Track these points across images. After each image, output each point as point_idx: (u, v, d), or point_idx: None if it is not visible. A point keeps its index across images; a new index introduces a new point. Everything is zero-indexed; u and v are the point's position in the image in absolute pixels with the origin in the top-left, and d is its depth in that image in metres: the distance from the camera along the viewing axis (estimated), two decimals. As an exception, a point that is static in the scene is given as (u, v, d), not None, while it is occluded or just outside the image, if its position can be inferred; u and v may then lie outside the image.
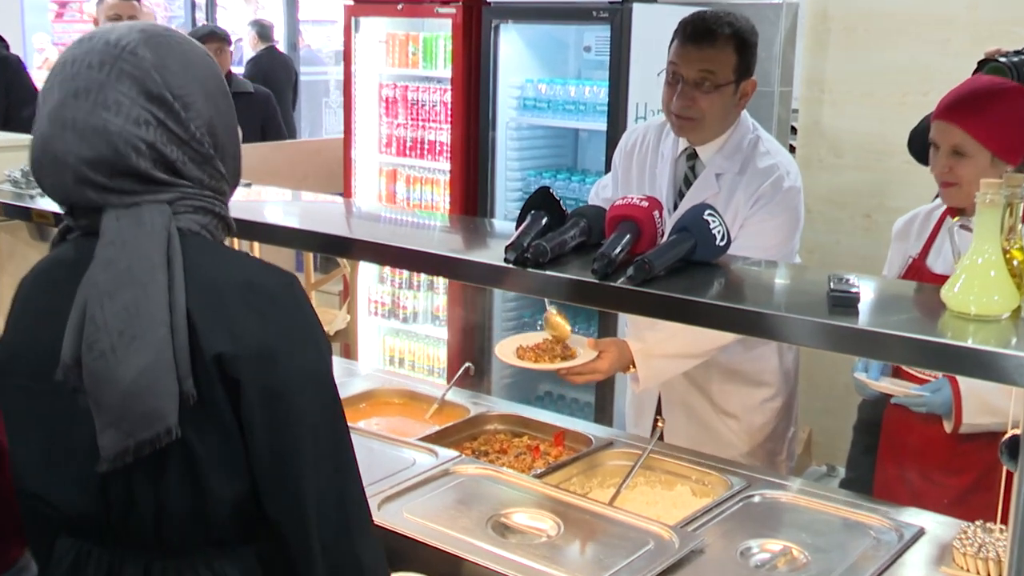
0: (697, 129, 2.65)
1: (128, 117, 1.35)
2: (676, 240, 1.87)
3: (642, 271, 1.76)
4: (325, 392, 1.37)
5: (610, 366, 2.56)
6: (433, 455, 2.38)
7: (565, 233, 1.96)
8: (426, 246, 2.10)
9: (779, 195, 2.63)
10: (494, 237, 2.37)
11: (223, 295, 1.33)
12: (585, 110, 4.40)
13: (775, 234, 2.62)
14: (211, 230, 1.43)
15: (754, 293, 1.83)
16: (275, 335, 1.33)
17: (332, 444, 1.38)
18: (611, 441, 2.53)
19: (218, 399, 1.32)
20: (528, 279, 1.88)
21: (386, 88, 4.96)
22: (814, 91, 4.35)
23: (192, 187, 1.40)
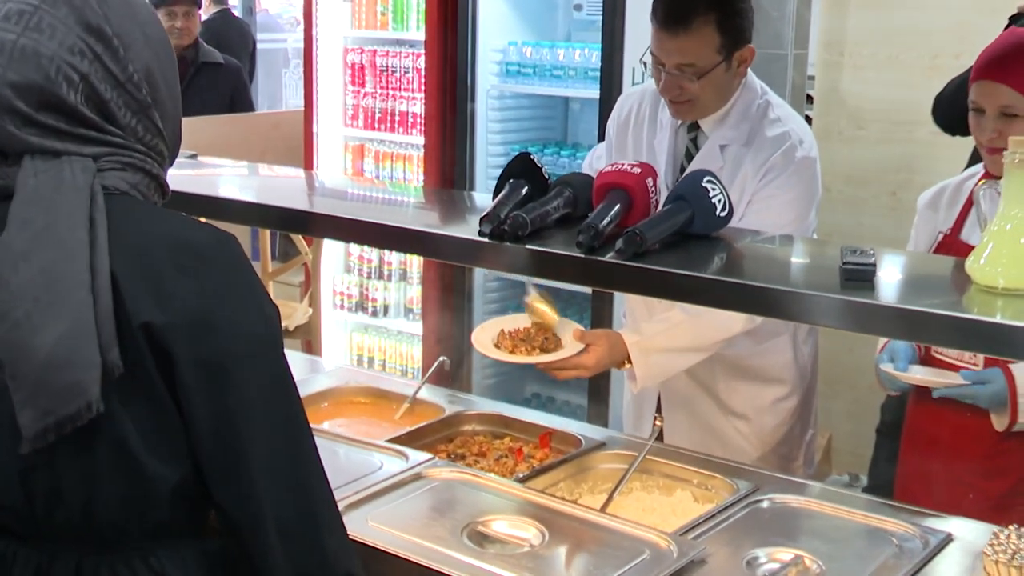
0: (693, 110, 2.66)
1: (63, 44, 1.36)
2: (671, 210, 1.88)
3: (633, 244, 1.77)
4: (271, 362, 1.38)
5: (597, 361, 2.55)
6: (403, 458, 2.38)
7: (548, 203, 1.96)
8: (394, 220, 2.11)
9: (791, 166, 2.63)
10: (471, 210, 2.38)
11: (151, 256, 1.34)
12: (575, 76, 4.41)
13: (787, 210, 2.62)
14: (142, 191, 1.43)
15: (757, 267, 1.84)
16: (210, 299, 1.33)
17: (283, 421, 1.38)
18: (603, 442, 2.53)
19: (149, 372, 1.32)
20: (506, 254, 1.89)
21: (352, 53, 4.96)
22: (832, 54, 4.36)
23: (123, 139, 1.41)
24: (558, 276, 1.85)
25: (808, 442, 2.95)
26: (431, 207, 2.51)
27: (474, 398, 2.91)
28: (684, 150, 2.73)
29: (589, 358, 2.54)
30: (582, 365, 2.54)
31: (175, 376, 1.32)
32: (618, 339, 2.59)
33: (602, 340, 2.57)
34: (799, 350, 2.87)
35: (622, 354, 2.59)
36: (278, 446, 1.36)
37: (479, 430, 2.68)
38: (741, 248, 1.94)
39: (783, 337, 2.82)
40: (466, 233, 1.96)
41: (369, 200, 2.66)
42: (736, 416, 2.85)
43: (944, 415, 2.54)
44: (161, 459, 1.34)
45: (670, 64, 2.56)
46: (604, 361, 2.56)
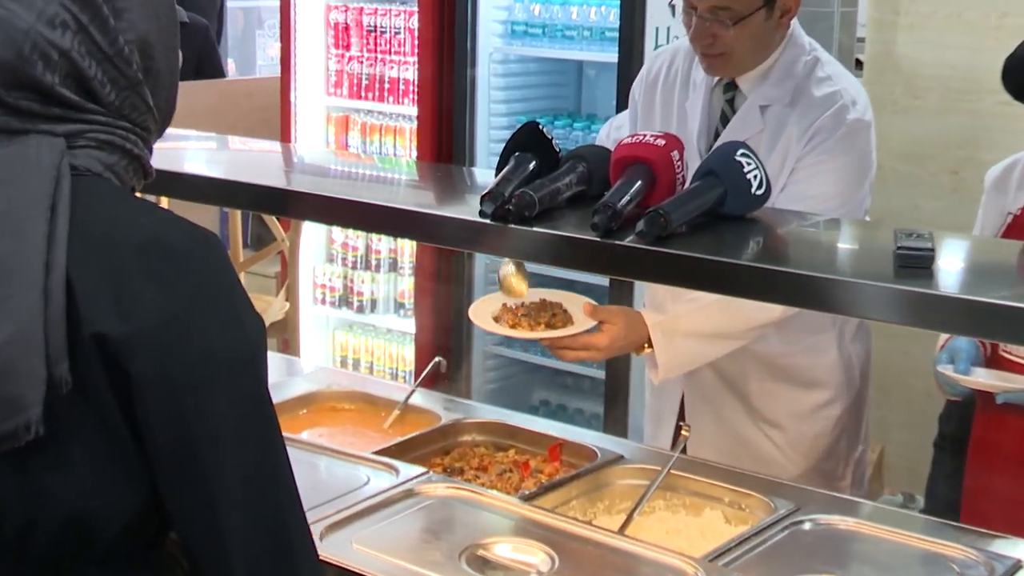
0: (728, 65, 2.65)
1: (42, 14, 1.34)
2: (700, 188, 1.88)
3: (656, 226, 1.77)
4: (248, 384, 1.35)
5: (611, 342, 2.53)
6: (392, 472, 2.39)
7: (558, 180, 1.97)
8: (383, 199, 2.12)
9: (842, 129, 2.62)
10: (471, 188, 2.38)
11: (116, 255, 1.31)
12: (591, 37, 4.41)
13: (835, 180, 2.62)
14: (118, 173, 1.41)
15: (798, 252, 1.85)
16: (180, 309, 1.31)
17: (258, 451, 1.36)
18: (621, 455, 2.54)
19: (100, 390, 1.30)
20: (510, 238, 1.90)
21: (335, 11, 4.96)
22: (885, 12, 4.35)
23: (105, 115, 1.39)
24: (570, 263, 1.86)
25: (858, 458, 2.95)
26: (425, 185, 2.52)
27: (474, 404, 2.92)
28: (719, 113, 2.72)
29: (602, 338, 2.53)
30: (593, 345, 2.52)
31: (132, 397, 1.30)
32: (638, 319, 2.57)
33: (618, 318, 2.55)
34: (845, 349, 2.86)
35: (641, 337, 2.57)
36: (251, 479, 1.34)
37: (479, 441, 2.68)
38: (780, 231, 1.94)
39: (827, 334, 2.81)
40: (465, 214, 1.97)
41: (355, 178, 2.66)
42: (769, 424, 2.85)
43: (1013, 424, 2.54)
44: (113, 488, 1.33)
45: (702, 7, 2.55)
46: (619, 343, 2.54)
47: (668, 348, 2.59)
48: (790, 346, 2.78)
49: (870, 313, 1.63)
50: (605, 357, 2.57)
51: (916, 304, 1.57)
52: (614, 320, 2.55)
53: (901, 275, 1.61)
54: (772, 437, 2.85)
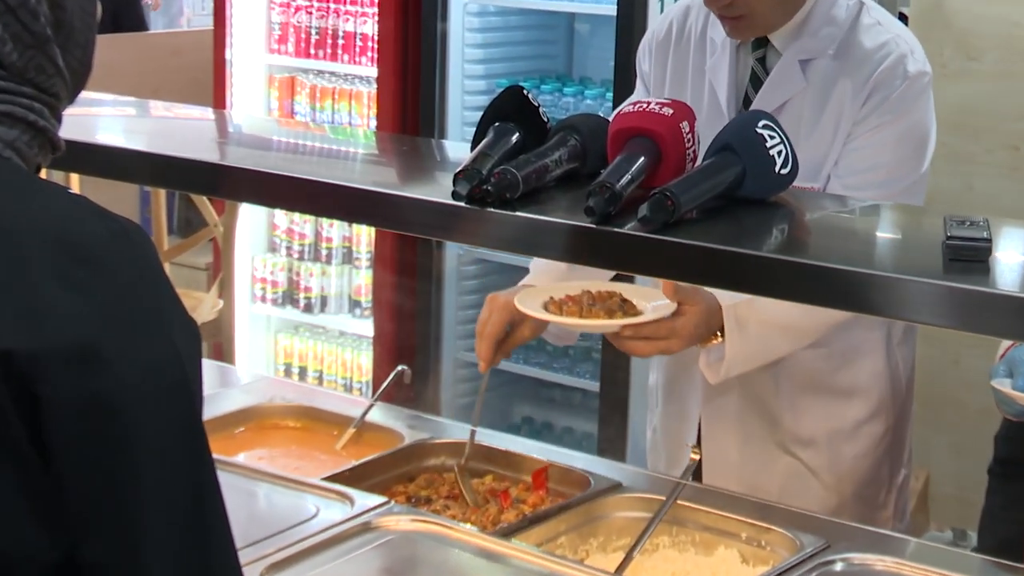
0: (753, 27, 2.65)
1: None
2: (714, 165, 1.89)
3: (662, 210, 1.77)
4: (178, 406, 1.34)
5: (695, 327, 2.49)
6: (346, 502, 2.39)
7: (546, 156, 1.97)
8: (336, 177, 2.12)
9: (903, 84, 2.62)
10: (441, 164, 2.39)
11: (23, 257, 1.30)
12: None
13: (899, 148, 2.62)
14: (20, 150, 1.40)
15: (828, 243, 1.87)
16: (100, 320, 1.30)
17: (188, 486, 1.36)
18: (619, 482, 2.54)
19: (5, 415, 1.30)
20: (488, 224, 1.90)
21: (279, -48, 4.97)
22: (935, -43, 4.37)
23: (3, 80, 1.38)
24: (560, 253, 1.86)
25: (900, 485, 2.96)
26: (387, 160, 2.51)
27: (444, 422, 2.91)
28: (749, 74, 2.72)
29: (686, 323, 2.48)
30: (677, 333, 2.48)
31: (41, 423, 1.30)
32: (714, 302, 2.54)
33: (699, 299, 2.50)
34: (893, 353, 2.87)
35: (716, 323, 2.55)
36: (179, 522, 1.34)
37: (451, 464, 2.67)
38: (808, 217, 1.95)
39: (874, 334, 2.82)
40: (435, 195, 1.97)
41: (302, 151, 2.66)
42: (802, 444, 2.85)
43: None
44: (19, 529, 1.32)
45: None
46: (701, 329, 2.52)
47: (740, 337, 2.57)
48: (828, 348, 2.79)
49: (914, 315, 1.63)
50: (686, 347, 2.54)
51: (969, 304, 1.58)
52: (695, 300, 2.50)
53: (952, 270, 1.62)
54: (804, 459, 2.85)
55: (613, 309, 2.45)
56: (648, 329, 2.45)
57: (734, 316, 2.55)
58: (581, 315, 2.44)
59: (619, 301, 2.47)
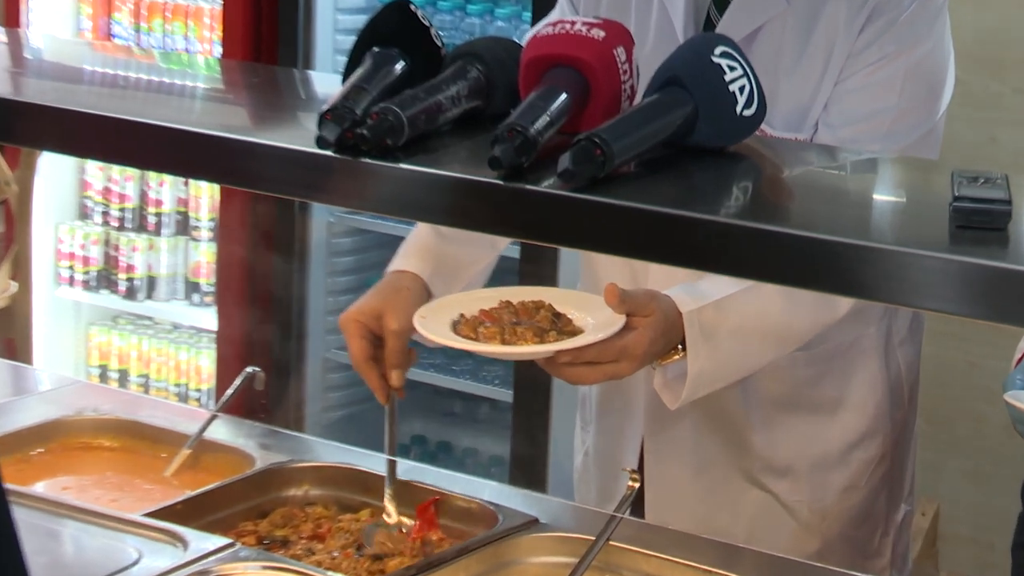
0: None
1: None
2: (657, 104, 1.90)
3: (590, 162, 1.78)
4: None
5: (650, 345, 2.48)
6: (178, 545, 2.39)
7: (440, 90, 1.97)
8: (167, 118, 2.11)
9: (914, 5, 2.66)
10: (304, 101, 2.39)
11: None
12: None
13: (903, 88, 2.65)
14: None
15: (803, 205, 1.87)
16: None
17: None
18: (535, 518, 2.56)
19: None
20: (364, 180, 1.90)
21: None
22: None
23: None
24: (457, 218, 1.86)
25: (901, 524, 3.00)
26: (234, 97, 2.51)
27: (308, 440, 2.93)
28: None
29: (639, 340, 2.47)
30: (628, 353, 2.46)
31: None
32: (671, 308, 2.54)
33: (653, 310, 2.50)
34: (893, 357, 2.91)
35: (677, 336, 2.55)
36: None
37: (315, 497, 2.69)
38: (778, 172, 1.96)
39: (869, 332, 2.86)
40: (295, 142, 1.96)
41: (122, 84, 2.63)
42: (776, 472, 2.89)
43: None
44: None
45: None
46: (658, 345, 2.51)
47: (707, 350, 2.56)
48: (809, 349, 2.81)
49: (909, 297, 1.64)
50: (640, 368, 2.51)
51: (980, 284, 1.58)
52: (648, 310, 2.49)
53: (960, 240, 1.62)
54: (778, 492, 2.87)
55: (544, 328, 2.44)
56: (591, 352, 2.43)
57: (698, 324, 2.54)
58: (503, 339, 2.43)
59: (550, 316, 2.47)
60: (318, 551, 2.51)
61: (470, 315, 2.48)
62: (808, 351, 2.79)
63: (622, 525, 2.39)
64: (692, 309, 2.53)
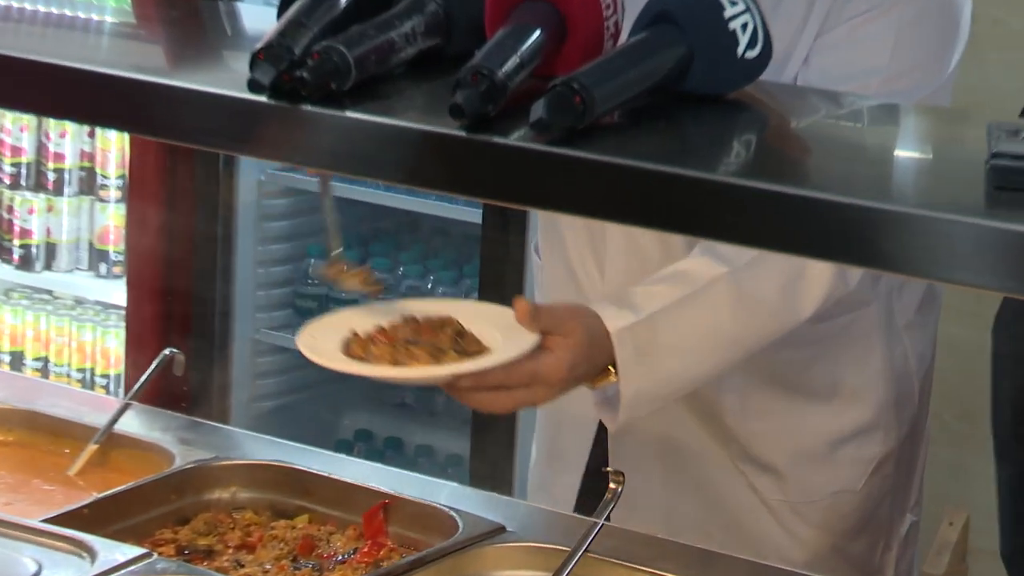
0: None
1: None
2: (645, 44, 1.91)
3: (568, 111, 1.78)
4: None
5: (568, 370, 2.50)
6: (84, 556, 2.39)
7: (392, 26, 1.97)
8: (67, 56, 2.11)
9: None
10: (234, 38, 2.42)
11: None
12: None
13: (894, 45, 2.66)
14: None
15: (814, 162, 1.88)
16: None
17: None
18: (500, 526, 2.58)
19: None
20: (304, 130, 1.91)
21: None
22: None
23: None
24: (412, 176, 1.86)
25: (906, 536, 3.02)
26: (149, 32, 2.50)
27: (236, 433, 2.93)
28: None
29: (555, 363, 2.49)
30: (541, 378, 2.49)
31: None
32: (597, 327, 2.56)
33: (572, 329, 2.53)
34: (897, 339, 2.92)
35: (605, 355, 2.57)
36: None
37: (244, 500, 2.71)
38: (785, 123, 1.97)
39: (868, 310, 2.87)
40: (223, 86, 1.96)
41: (16, 17, 2.62)
42: (757, 467, 2.91)
43: None
44: None
45: None
46: (580, 369, 2.53)
47: (642, 371, 2.58)
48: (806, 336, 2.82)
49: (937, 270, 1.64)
50: (558, 395, 2.53)
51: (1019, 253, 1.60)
52: (567, 330, 2.52)
53: (997, 202, 1.63)
54: (761, 491, 2.90)
55: (442, 348, 2.46)
56: (496, 376, 2.46)
57: (631, 345, 2.56)
58: (395, 359, 2.46)
59: (452, 335, 2.49)
60: (248, 563, 2.52)
61: (364, 333, 2.50)
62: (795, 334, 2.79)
63: (603, 536, 2.39)
64: (622, 327, 2.55)
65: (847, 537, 2.92)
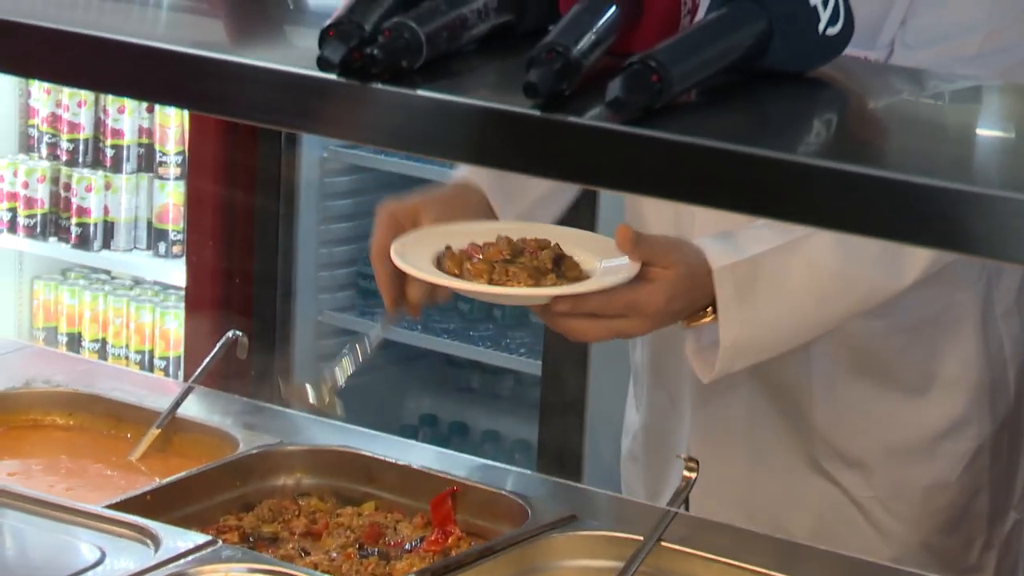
0: None
1: None
2: (724, 21, 1.89)
3: (645, 89, 1.77)
4: None
5: (668, 300, 2.50)
6: (148, 543, 2.39)
7: (463, 2, 1.96)
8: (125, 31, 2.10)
9: None
10: (301, 13, 2.38)
11: None
12: None
13: None
14: None
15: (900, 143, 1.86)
16: None
17: None
18: (571, 515, 2.56)
19: None
20: (374, 108, 1.91)
21: None
22: None
23: None
24: (485, 154, 1.87)
25: (1008, 535, 2.98)
26: (210, 6, 2.50)
27: (301, 418, 2.93)
28: None
29: (653, 294, 2.49)
30: (638, 308, 2.49)
31: None
32: (699, 262, 2.55)
33: (674, 261, 2.52)
34: (994, 327, 2.90)
35: (704, 293, 2.56)
36: None
37: (309, 486, 2.71)
38: (869, 102, 1.95)
39: (964, 295, 2.85)
40: (291, 62, 1.96)
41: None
42: (845, 463, 2.89)
43: None
44: None
45: None
46: (678, 303, 2.53)
47: (744, 312, 2.57)
48: (888, 317, 2.81)
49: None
50: (654, 329, 2.55)
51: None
52: (669, 261, 2.51)
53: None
54: (847, 485, 2.87)
55: (542, 270, 2.46)
56: (594, 303, 2.46)
57: (732, 283, 2.55)
58: (491, 278, 2.46)
59: (552, 257, 2.48)
60: (313, 550, 2.52)
61: (458, 248, 2.51)
62: (886, 318, 2.79)
63: (676, 522, 2.38)
64: (724, 264, 2.54)
65: (939, 533, 2.89)
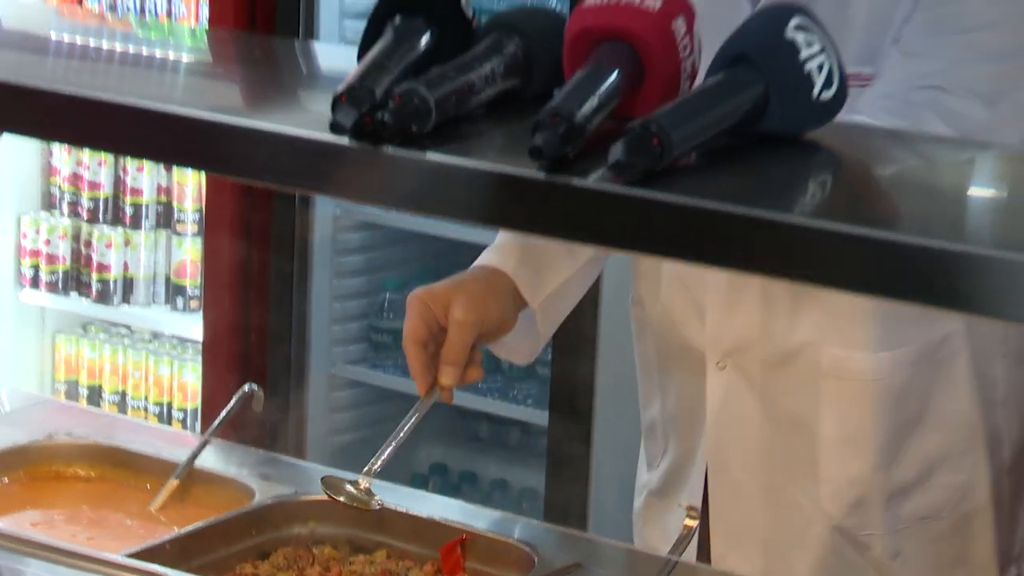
0: None
1: None
2: (723, 86, 1.92)
3: (646, 152, 1.79)
4: None
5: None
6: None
7: (472, 68, 1.99)
8: (145, 96, 2.13)
9: None
10: (314, 78, 2.41)
11: None
12: None
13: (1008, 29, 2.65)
14: None
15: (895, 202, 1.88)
16: None
17: None
18: (576, 563, 2.58)
19: None
20: (385, 171, 1.92)
21: None
22: None
23: None
24: (491, 217, 1.90)
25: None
26: (227, 71, 2.53)
27: (314, 469, 2.94)
28: None
29: None
30: None
31: None
32: None
33: None
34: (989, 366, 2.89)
35: None
36: None
37: (324, 535, 2.72)
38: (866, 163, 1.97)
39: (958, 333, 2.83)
40: (304, 126, 1.98)
41: (94, 57, 2.63)
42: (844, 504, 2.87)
43: None
44: None
45: None
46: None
47: None
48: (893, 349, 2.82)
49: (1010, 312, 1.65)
50: None
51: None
52: None
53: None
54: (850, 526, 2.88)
55: None
56: None
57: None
58: None
59: None
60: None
61: None
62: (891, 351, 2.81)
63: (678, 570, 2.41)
64: None
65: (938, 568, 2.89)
